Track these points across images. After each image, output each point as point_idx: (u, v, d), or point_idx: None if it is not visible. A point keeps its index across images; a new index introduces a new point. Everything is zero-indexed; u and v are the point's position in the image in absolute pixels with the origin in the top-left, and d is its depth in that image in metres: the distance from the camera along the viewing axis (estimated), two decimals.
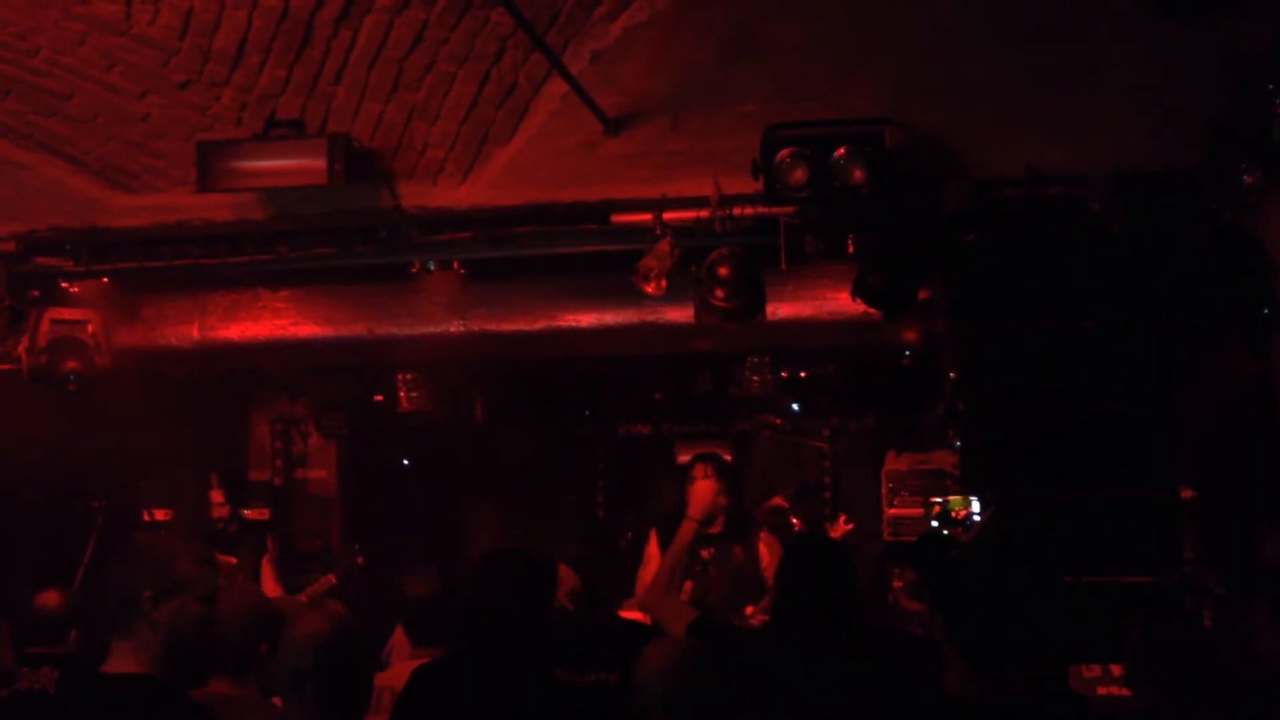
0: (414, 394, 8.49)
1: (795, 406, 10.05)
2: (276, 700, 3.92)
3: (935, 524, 6.00)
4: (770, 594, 5.04)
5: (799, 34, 5.60)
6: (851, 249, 6.06)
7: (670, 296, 6.00)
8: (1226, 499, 6.03)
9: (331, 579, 7.42)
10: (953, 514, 6.02)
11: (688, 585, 6.62)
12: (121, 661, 3.12)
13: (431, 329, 6.85)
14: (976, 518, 5.94)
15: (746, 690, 3.86)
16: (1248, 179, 5.04)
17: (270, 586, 7.43)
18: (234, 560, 7.45)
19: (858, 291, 5.85)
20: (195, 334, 7.04)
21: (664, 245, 5.86)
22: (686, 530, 5.62)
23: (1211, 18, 5.14)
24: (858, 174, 5.37)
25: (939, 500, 6.10)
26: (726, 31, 5.61)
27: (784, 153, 5.42)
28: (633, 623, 5.12)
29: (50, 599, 5.57)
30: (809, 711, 3.81)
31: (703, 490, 5.99)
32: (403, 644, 5.85)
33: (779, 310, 6.22)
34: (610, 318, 6.63)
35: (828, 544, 5.25)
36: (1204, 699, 3.74)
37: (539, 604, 4.02)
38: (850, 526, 7.71)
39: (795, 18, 5.58)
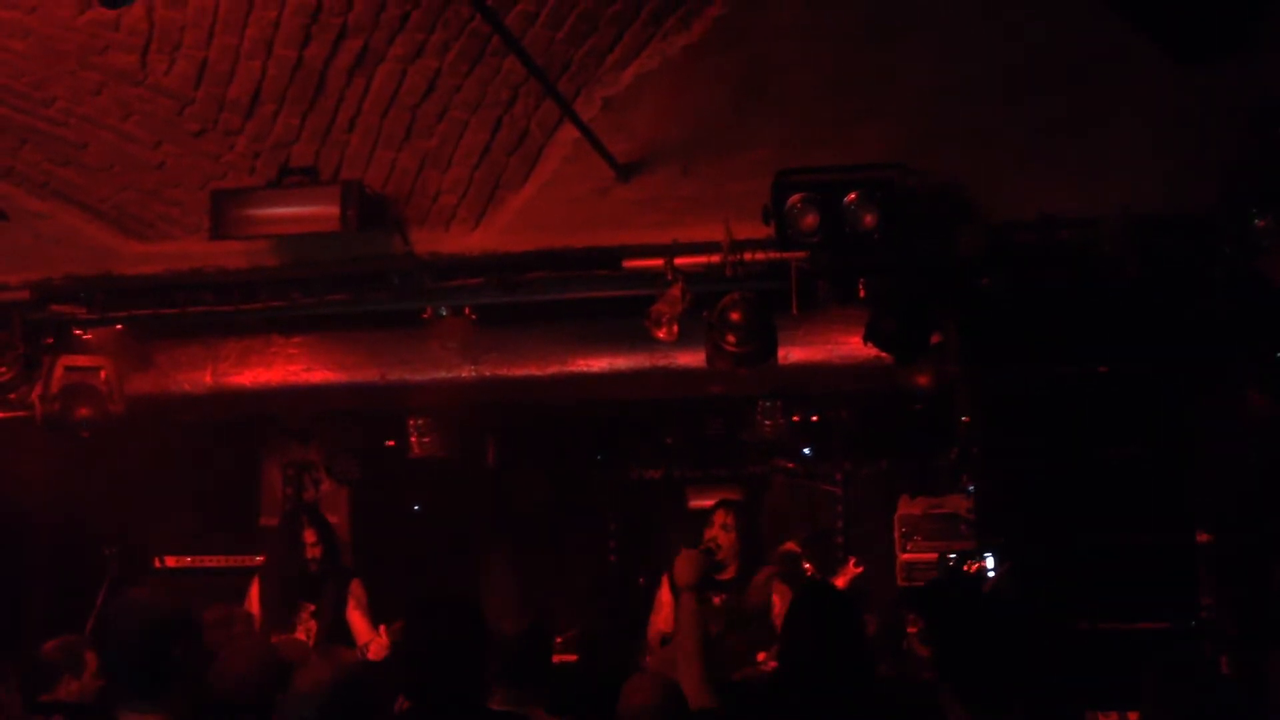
0: (425, 439, 8.48)
1: (807, 451, 10.02)
2: None
3: (950, 566, 5.96)
4: (778, 643, 4.99)
5: (810, 81, 5.63)
6: (863, 294, 6.06)
7: (682, 341, 6.00)
8: (1242, 543, 6.00)
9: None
10: (965, 567, 5.96)
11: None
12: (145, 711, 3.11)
13: (444, 374, 6.87)
14: (991, 573, 5.90)
15: None
16: (1260, 223, 5.04)
17: (369, 640, 7.09)
18: (313, 606, 7.24)
19: (870, 336, 5.85)
20: (208, 380, 7.06)
21: (675, 290, 5.87)
22: (687, 603, 5.01)
23: (1222, 63, 5.17)
24: (869, 219, 5.38)
25: (953, 555, 6.05)
26: (738, 78, 5.65)
27: (795, 198, 5.43)
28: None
29: (49, 646, 5.57)
30: None
31: (685, 561, 5.20)
32: None
33: (791, 355, 6.22)
34: (622, 363, 6.64)
35: (834, 594, 5.20)
36: None
37: (471, 653, 3.99)
38: (859, 570, 7.66)
39: (807, 65, 5.61)
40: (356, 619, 7.24)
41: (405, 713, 4.13)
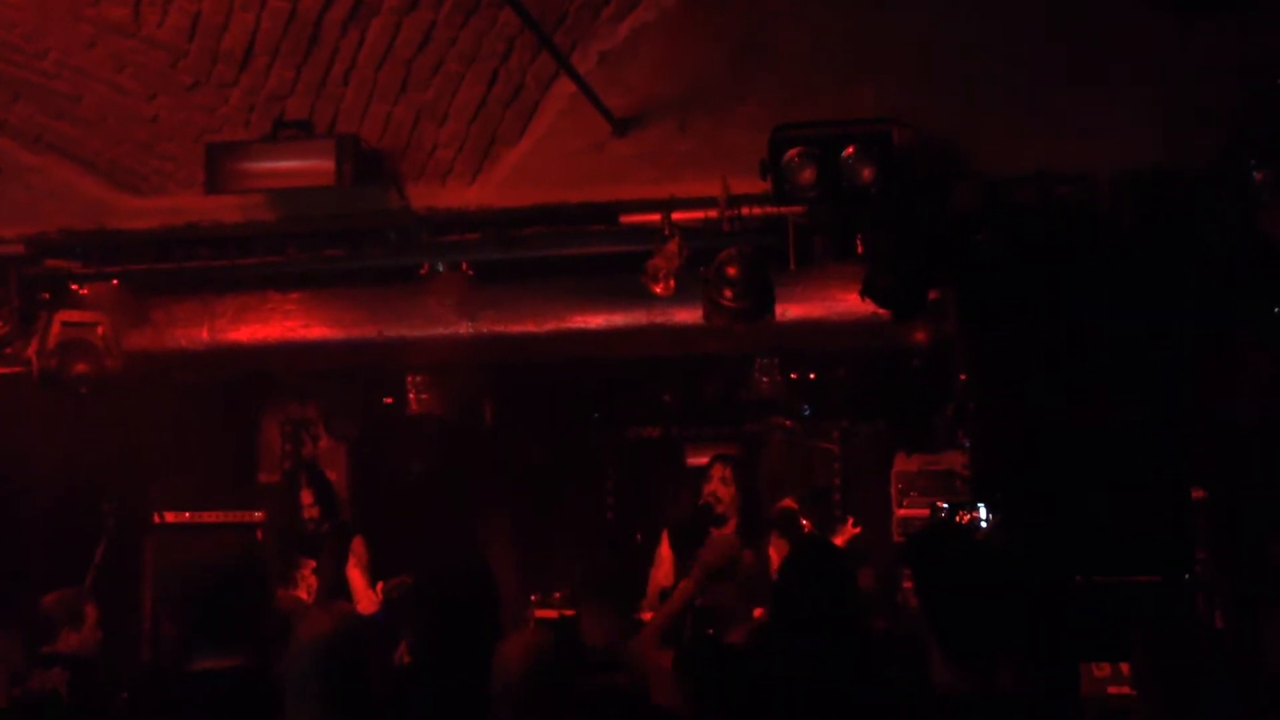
0: (424, 396, 8.49)
1: (806, 409, 10.01)
2: None
3: (941, 517, 5.98)
4: (770, 598, 5.01)
5: (807, 36, 5.60)
6: (860, 249, 6.04)
7: (679, 298, 5.99)
8: (1238, 500, 6.01)
9: (408, 579, 7.14)
10: (957, 518, 5.98)
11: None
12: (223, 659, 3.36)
13: (441, 330, 6.84)
14: (984, 524, 5.91)
15: (743, 702, 3.87)
16: (1258, 175, 5.03)
17: (363, 597, 7.11)
18: (313, 563, 7.25)
19: (867, 292, 5.83)
20: (205, 336, 7.03)
21: (672, 245, 5.85)
22: (686, 589, 5.08)
23: (1221, 18, 5.13)
24: (866, 173, 5.35)
25: (945, 505, 6.07)
26: (734, 33, 5.62)
27: (792, 152, 5.40)
28: None
29: (49, 599, 5.61)
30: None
31: (719, 544, 5.40)
32: None
33: (788, 311, 6.19)
34: (619, 319, 6.61)
35: (828, 550, 5.23)
36: (1211, 700, 3.72)
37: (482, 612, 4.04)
38: (857, 530, 7.68)
39: (804, 20, 5.59)
40: (355, 576, 7.25)
41: (408, 666, 4.15)
